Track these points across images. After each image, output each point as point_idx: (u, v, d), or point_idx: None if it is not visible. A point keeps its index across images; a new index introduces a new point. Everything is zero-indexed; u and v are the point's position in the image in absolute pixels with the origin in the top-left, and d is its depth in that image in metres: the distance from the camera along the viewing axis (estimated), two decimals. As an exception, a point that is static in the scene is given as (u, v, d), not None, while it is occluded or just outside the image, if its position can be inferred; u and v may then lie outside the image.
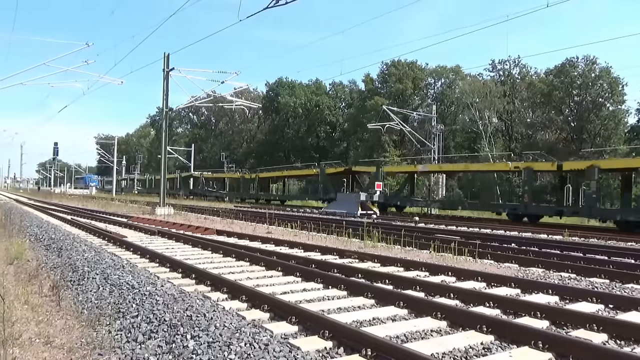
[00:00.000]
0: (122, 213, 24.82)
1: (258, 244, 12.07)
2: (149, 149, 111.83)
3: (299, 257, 9.38)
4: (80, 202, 38.85)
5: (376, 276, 7.51)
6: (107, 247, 10.93)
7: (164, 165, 26.75)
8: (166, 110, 26.72)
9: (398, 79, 58.22)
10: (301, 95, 70.44)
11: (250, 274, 7.93)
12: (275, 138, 73.18)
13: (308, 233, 14.89)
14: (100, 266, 7.85)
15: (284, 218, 20.04)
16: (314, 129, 71.37)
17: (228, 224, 18.58)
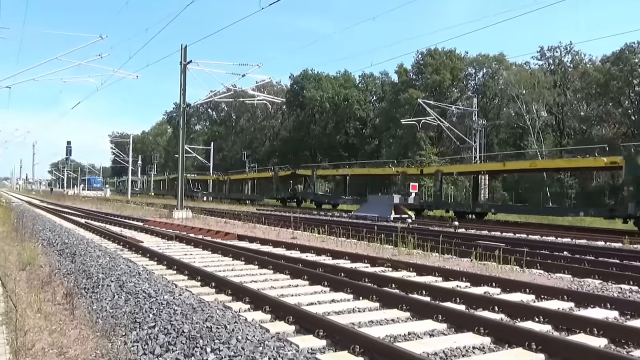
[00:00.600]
0: (137, 216, 25.34)
1: (282, 251, 12.13)
2: (165, 147, 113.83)
3: (327, 264, 9.38)
4: (94, 204, 39.87)
5: (412, 286, 7.44)
6: (123, 253, 11.17)
7: (181, 165, 27.20)
8: (184, 106, 27.16)
9: (435, 70, 57.65)
10: (328, 89, 70.52)
11: (274, 283, 7.97)
12: (300, 135, 73.49)
13: (336, 239, 14.88)
14: (116, 273, 8.04)
15: (310, 222, 20.07)
16: (342, 125, 71.34)
17: (250, 228, 18.74)
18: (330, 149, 69.51)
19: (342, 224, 19.32)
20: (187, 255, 11.19)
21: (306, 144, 72.65)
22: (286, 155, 73.77)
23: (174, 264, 9.32)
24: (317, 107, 71.08)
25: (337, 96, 69.96)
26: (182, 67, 26.29)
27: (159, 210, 30.04)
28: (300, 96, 72.83)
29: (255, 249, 11.88)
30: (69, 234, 14.69)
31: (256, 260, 9.80)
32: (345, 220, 24.87)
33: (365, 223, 21.65)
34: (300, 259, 10.10)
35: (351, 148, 69.90)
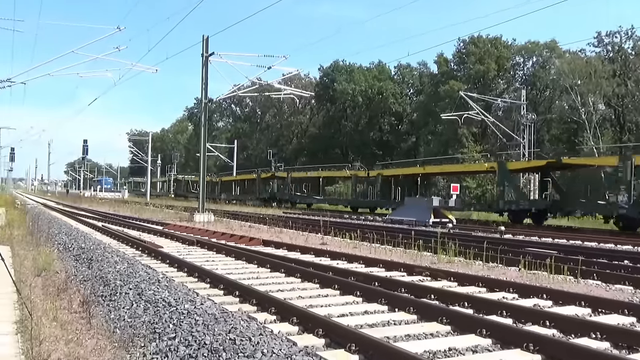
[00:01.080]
0: (157, 220, 25.81)
1: (311, 257, 12.17)
2: (186, 146, 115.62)
3: (360, 273, 9.37)
4: (112, 207, 40.79)
5: (452, 297, 7.37)
6: (141, 259, 11.40)
7: (202, 165, 27.58)
8: (205, 101, 27.53)
9: (478, 59, 56.89)
10: (361, 81, 70.40)
11: (302, 292, 8.01)
12: (330, 132, 73.60)
13: (370, 245, 14.84)
14: (134, 280, 8.21)
15: (342, 227, 20.07)
16: (376, 120, 71.14)
17: (276, 233, 18.86)
18: (363, 147, 69.37)
19: (376, 229, 19.25)
20: (208, 261, 11.34)
21: (337, 141, 72.69)
22: (315, 154, 73.99)
23: (195, 271, 9.46)
24: (348, 101, 71.03)
25: (370, 89, 69.75)
26: (203, 59, 26.64)
27: (179, 213, 30.53)
28: (330, 89, 72.92)
29: (282, 256, 11.95)
30: (86, 238, 15.08)
31: (283, 268, 9.86)
32: (380, 224, 24.75)
33: (402, 228, 21.50)
34: (331, 267, 10.11)
35: (386, 146, 69.63)
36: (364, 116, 71.31)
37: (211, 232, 17.99)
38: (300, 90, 43.79)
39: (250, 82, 32.60)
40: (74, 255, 11.79)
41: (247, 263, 11.09)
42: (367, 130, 70.85)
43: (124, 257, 10.91)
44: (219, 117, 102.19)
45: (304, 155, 79.31)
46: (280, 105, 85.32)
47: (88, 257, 11.11)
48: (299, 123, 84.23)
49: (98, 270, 9.46)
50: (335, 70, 75.12)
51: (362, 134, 70.35)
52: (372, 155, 65.97)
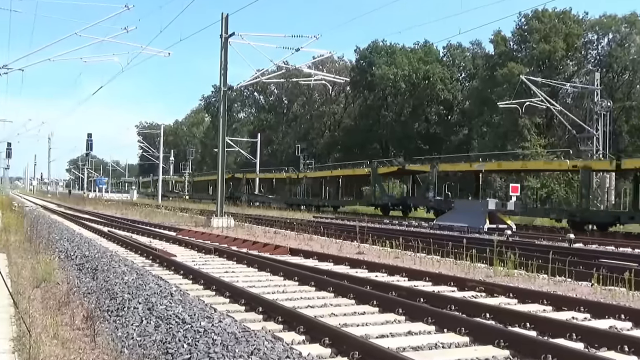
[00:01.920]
0: (169, 224, 26.18)
1: (345, 269, 12.17)
2: (202, 140, 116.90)
3: (402, 287, 9.33)
4: (119, 209, 41.54)
5: (512, 317, 7.27)
6: (152, 269, 11.58)
7: (221, 162, 27.83)
8: (224, 88, 27.79)
9: (543, 37, 55.92)
10: (404, 64, 70.04)
11: (335, 309, 8.01)
12: (368, 124, 73.45)
13: (414, 254, 14.76)
14: (144, 293, 8.34)
15: (381, 233, 20.02)
16: (422, 110, 70.67)
17: (305, 240, 18.92)
18: (407, 140, 69.01)
19: (421, 236, 19.12)
20: (228, 272, 11.44)
21: (375, 134, 72.46)
22: (351, 149, 73.87)
23: (212, 283, 9.56)
24: (389, 87, 70.73)
25: (415, 73, 69.31)
26: (222, 41, 26.88)
27: (195, 217, 30.92)
28: (368, 74, 72.73)
29: (312, 267, 11.97)
30: (90, 244, 15.39)
31: (313, 281, 9.88)
32: (426, 231, 24.56)
33: (451, 235, 21.31)
34: (368, 280, 10.09)
35: (433, 139, 69.13)
36: (408, 105, 70.88)
37: (231, 239, 18.15)
38: (333, 75, 43.81)
39: (275, 66, 32.81)
40: (76, 265, 12.05)
41: (271, 275, 11.15)
42: (410, 121, 70.43)
43: (132, 267, 11.09)
44: (239, 107, 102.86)
45: (337, 151, 79.28)
46: (310, 93, 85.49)
47: (92, 267, 11.34)
48: (331, 113, 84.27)
49: (104, 281, 9.64)
50: (373, 52, 74.89)
51: (405, 126, 69.96)
52: (417, 149, 65.49)
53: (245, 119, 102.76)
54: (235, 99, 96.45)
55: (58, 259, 12.73)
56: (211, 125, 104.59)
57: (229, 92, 29.85)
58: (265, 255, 14.17)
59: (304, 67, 32.73)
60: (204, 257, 14.05)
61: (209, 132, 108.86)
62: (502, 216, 26.66)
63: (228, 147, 53.76)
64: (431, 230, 25.47)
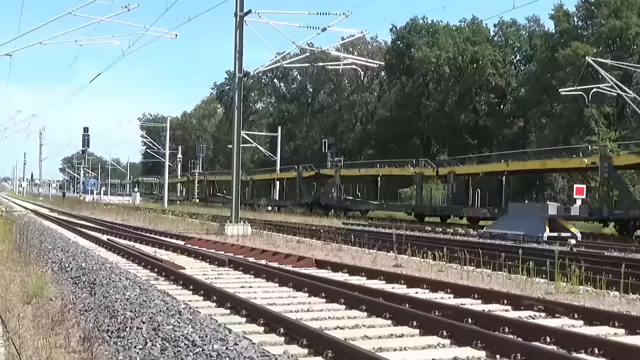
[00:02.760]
0: (177, 232, 26.36)
1: (380, 284, 12.14)
2: (214, 134, 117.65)
3: (447, 306, 9.27)
4: (119, 215, 41.98)
5: (577, 341, 7.20)
6: (157, 283, 11.69)
7: (236, 160, 27.95)
8: (240, 75, 27.90)
9: (613, 12, 55.21)
10: (448, 46, 69.70)
11: (368, 331, 8.00)
12: (406, 115, 73.28)
13: (460, 267, 14.66)
14: (148, 311, 8.42)
15: (422, 243, 19.92)
16: (469, 98, 70.26)
17: (333, 250, 18.91)
18: (451, 134, 68.71)
19: (469, 246, 18.96)
20: (244, 288, 11.49)
21: (415, 127, 72.26)
22: (386, 145, 73.80)
23: (226, 300, 9.60)
24: (431, 72, 70.48)
25: (461, 56, 68.93)
26: (237, 20, 26.99)
27: (206, 223, 31.09)
28: (406, 57, 72.57)
29: (342, 281, 11.96)
30: (87, 255, 15.58)
31: (343, 298, 9.87)
32: (474, 240, 24.36)
33: (504, 244, 21.11)
34: (407, 297, 10.04)
35: (482, 132, 68.68)
36: (453, 93, 70.53)
37: (248, 249, 18.21)
38: (365, 59, 43.76)
39: (298, 49, 32.83)
40: (72, 278, 12.21)
41: (294, 290, 11.16)
42: (456, 112, 70.07)
43: (135, 281, 11.20)
44: (257, 96, 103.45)
45: (370, 146, 79.20)
46: (339, 79, 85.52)
47: (90, 280, 11.48)
48: (363, 103, 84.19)
49: (103, 297, 9.76)
50: (412, 32, 74.65)
51: (450, 117, 69.63)
52: (464, 145, 65.19)
53: (264, 110, 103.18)
54: (252, 87, 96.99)
55: (51, 271, 12.90)
56: (224, 118, 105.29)
57: (244, 79, 30.00)
58: (288, 267, 14.20)
59: (331, 49, 32.75)
60: (217, 270, 14.12)
61: (222, 125, 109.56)
62: (565, 223, 26.35)
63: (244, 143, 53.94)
64: (480, 239, 25.27)
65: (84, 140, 78.73)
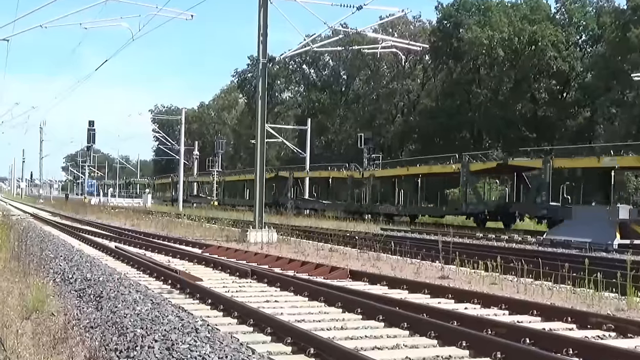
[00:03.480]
0: (193, 239, 26.53)
1: (424, 298, 12.10)
2: (235, 128, 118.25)
3: (501, 323, 9.21)
4: (129, 219, 42.38)
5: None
6: (171, 297, 11.78)
7: (260, 157, 28.02)
8: (264, 61, 27.97)
9: (695, -16, 54.30)
10: (502, 25, 69.17)
11: (410, 352, 7.97)
12: (454, 105, 72.93)
13: (516, 279, 14.54)
14: (161, 328, 8.48)
15: (472, 251, 19.81)
16: (527, 85, 69.65)
17: (371, 260, 18.90)
18: (506, 127, 68.18)
19: (526, 255, 18.81)
20: (269, 302, 11.52)
21: (464, 118, 71.83)
22: (431, 139, 73.50)
23: (249, 316, 9.63)
24: (483, 56, 69.99)
25: (517, 37, 68.36)
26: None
27: (226, 229, 31.22)
28: (454, 39, 72.18)
29: (380, 295, 11.94)
30: (93, 265, 15.75)
31: (381, 314, 9.85)
32: (533, 248, 24.16)
33: (568, 253, 20.92)
34: (455, 314, 9.99)
35: (542, 124, 68.05)
36: (508, 79, 69.98)
37: (273, 259, 18.26)
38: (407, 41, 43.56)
39: (330, 30, 32.79)
40: (76, 290, 12.35)
41: (326, 306, 11.16)
42: (512, 101, 69.52)
43: (146, 294, 11.29)
44: (284, 84, 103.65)
45: (413, 141, 78.93)
46: (377, 65, 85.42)
47: (96, 293, 11.60)
48: (405, 92, 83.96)
49: (110, 312, 9.86)
50: (461, 10, 74.20)
51: (505, 108, 69.11)
52: (520, 139, 64.67)
53: (292, 101, 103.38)
54: (278, 74, 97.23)
55: (53, 282, 13.07)
56: (247, 109, 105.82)
57: (269, 65, 30.08)
58: (318, 279, 14.23)
59: (368, 30, 32.78)
60: (238, 282, 14.18)
61: (243, 118, 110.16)
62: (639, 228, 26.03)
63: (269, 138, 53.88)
64: (540, 247, 25.03)
65: (89, 136, 79.49)
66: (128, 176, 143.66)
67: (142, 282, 13.54)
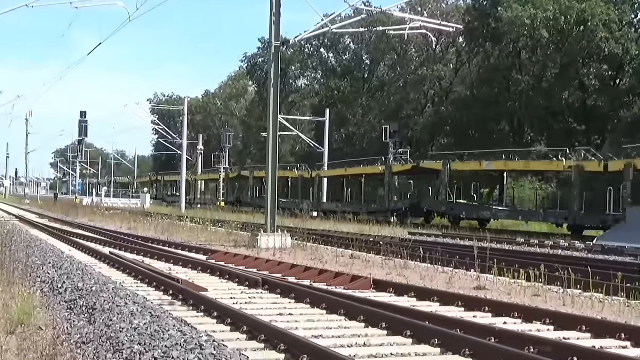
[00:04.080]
0: (197, 244, 26.60)
1: (458, 311, 12.07)
2: (244, 119, 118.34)
3: (545, 341, 9.17)
4: (125, 222, 42.56)
5: None
6: (173, 309, 11.81)
7: (272, 152, 28.05)
8: (277, 44, 28.00)
9: None
10: (547, 3, 68.76)
11: (442, 373, 7.96)
12: (492, 93, 72.66)
13: (563, 291, 14.50)
14: (161, 344, 8.51)
15: (512, 259, 19.75)
16: (574, 71, 69.24)
17: (397, 268, 18.88)
18: (551, 117, 67.78)
19: (574, 263, 18.74)
20: (283, 315, 11.53)
21: (504, 109, 71.46)
22: (465, 131, 73.19)
23: (260, 331, 9.64)
24: (524, 38, 69.59)
25: (564, 16, 67.93)
26: (273, -26, 27.12)
27: (234, 233, 31.31)
28: (492, 19, 71.82)
29: (407, 308, 11.91)
30: (85, 273, 15.81)
31: (409, 329, 9.84)
32: (581, 255, 24.06)
33: (622, 261, 20.82)
34: (493, 329, 9.96)
35: (592, 115, 67.68)
36: (553, 64, 69.52)
37: (287, 266, 18.27)
38: (438, 21, 43.43)
39: (351, 10, 32.85)
40: (66, 301, 12.41)
41: (347, 320, 11.16)
42: (557, 89, 69.10)
43: (145, 306, 11.33)
44: (299, 70, 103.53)
45: (446, 134, 78.66)
46: (404, 48, 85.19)
47: (89, 305, 11.65)
48: (436, 78, 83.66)
49: (104, 326, 9.89)
50: (499, -14, 73.85)
51: (549, 96, 68.70)
52: (567, 131, 64.38)
53: (308, 89, 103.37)
54: (292, 59, 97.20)
55: (40, 293, 13.13)
56: (257, 99, 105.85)
57: (283, 48, 30.09)
58: (338, 290, 14.23)
59: (394, 9, 32.66)
60: (248, 293, 14.19)
61: (254, 108, 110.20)
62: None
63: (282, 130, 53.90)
64: (589, 254, 24.94)
65: (80, 128, 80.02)
66: (124, 174, 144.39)
67: (140, 292, 13.58)
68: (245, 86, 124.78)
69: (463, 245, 25.92)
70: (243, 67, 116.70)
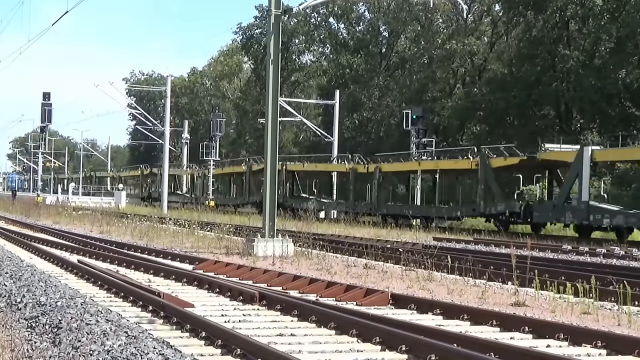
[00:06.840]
0: (182, 251, 26.63)
1: (492, 332, 12.10)
2: (238, 103, 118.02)
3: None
4: (96, 224, 42.63)
5: None
6: (153, 328, 11.83)
7: (271, 142, 28.04)
8: (277, 12, 28.00)
9: None
10: (600, -37, 68.74)
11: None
12: (534, 71, 72.49)
13: (618, 307, 14.49)
14: (139, 370, 8.54)
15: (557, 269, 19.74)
16: (633, 45, 69.04)
17: (420, 280, 18.85)
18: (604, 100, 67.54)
19: (630, 275, 18.73)
20: (283, 336, 11.55)
21: (548, 90, 71.27)
22: (501, 117, 72.99)
23: (256, 355, 9.66)
24: (573, 6, 69.52)
25: (619, -16, 67.89)
26: None
27: (226, 238, 31.29)
28: (532, -14, 71.77)
29: (432, 328, 11.93)
30: (48, 285, 15.84)
31: (434, 353, 9.85)
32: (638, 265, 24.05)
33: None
34: (534, 353, 9.98)
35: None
36: (607, 37, 69.40)
37: (289, 278, 18.27)
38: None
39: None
40: (26, 319, 12.43)
41: (360, 342, 11.17)
42: (612, 67, 68.92)
43: (119, 325, 11.34)
44: (303, 44, 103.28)
45: (479, 120, 78.41)
46: (429, 17, 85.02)
47: (53, 323, 11.67)
48: (468, 54, 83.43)
49: (72, 348, 9.91)
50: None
51: (603, 75, 68.53)
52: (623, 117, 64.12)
53: (314, 66, 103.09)
54: (294, 30, 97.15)
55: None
56: (254, 78, 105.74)
57: (285, 17, 30.09)
58: (349, 306, 14.25)
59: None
60: (242, 309, 14.21)
61: (249, 89, 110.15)
62: None
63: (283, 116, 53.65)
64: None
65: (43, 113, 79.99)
66: (95, 166, 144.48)
67: (114, 308, 13.59)
68: (239, 63, 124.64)
69: (498, 253, 25.91)
70: (237, 40, 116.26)
